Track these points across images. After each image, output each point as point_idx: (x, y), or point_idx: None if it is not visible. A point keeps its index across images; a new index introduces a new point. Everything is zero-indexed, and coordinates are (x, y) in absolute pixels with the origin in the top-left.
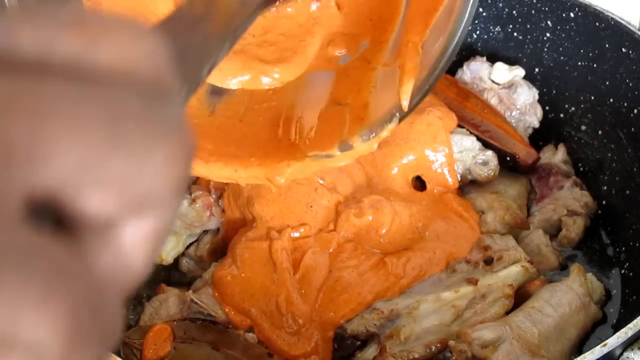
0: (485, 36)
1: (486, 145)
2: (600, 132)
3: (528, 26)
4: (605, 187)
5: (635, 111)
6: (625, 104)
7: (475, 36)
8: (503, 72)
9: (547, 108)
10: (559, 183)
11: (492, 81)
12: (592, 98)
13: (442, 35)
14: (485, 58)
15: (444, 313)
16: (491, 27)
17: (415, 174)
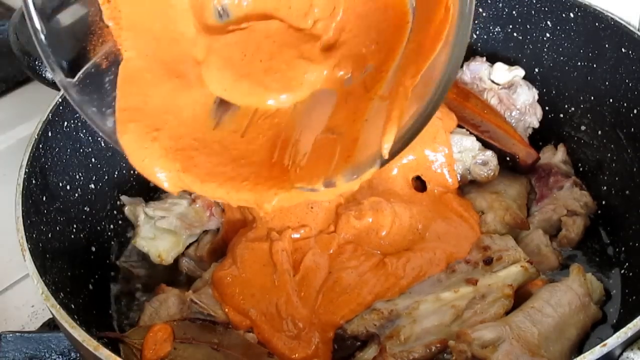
0: (485, 36)
1: (486, 145)
2: (600, 132)
3: (528, 26)
4: (605, 187)
5: (635, 111)
6: (625, 104)
7: (475, 36)
8: (503, 72)
9: (547, 108)
10: (559, 183)
11: (492, 81)
12: (592, 98)
13: (427, 86)
14: (485, 58)
15: (443, 313)
16: (491, 27)
17: (415, 174)
